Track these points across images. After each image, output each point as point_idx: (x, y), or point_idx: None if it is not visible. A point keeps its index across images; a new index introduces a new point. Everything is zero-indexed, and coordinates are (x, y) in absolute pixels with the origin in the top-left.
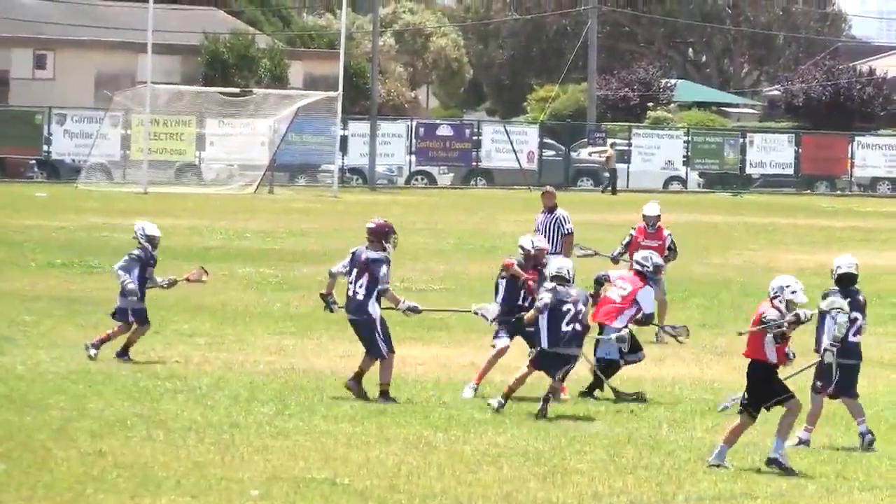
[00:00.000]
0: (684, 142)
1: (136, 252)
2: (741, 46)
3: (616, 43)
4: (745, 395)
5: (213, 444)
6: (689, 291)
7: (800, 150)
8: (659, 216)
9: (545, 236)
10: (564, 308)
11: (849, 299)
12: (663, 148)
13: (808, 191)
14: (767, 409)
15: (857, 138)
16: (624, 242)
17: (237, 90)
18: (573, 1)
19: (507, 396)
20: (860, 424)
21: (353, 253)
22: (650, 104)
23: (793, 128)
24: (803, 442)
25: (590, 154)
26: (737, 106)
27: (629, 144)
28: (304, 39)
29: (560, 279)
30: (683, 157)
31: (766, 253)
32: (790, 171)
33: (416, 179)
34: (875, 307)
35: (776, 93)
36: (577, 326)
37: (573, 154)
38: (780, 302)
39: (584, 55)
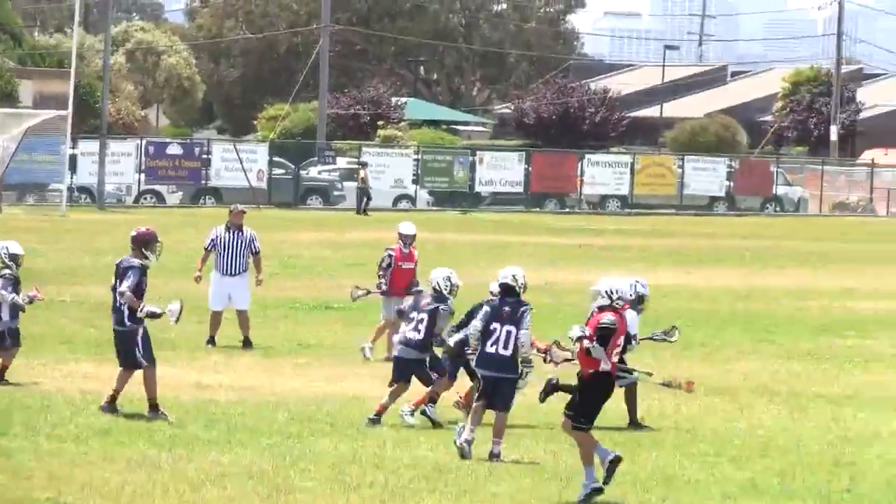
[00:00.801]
0: (414, 160)
1: (7, 272)
2: (473, 65)
3: (348, 61)
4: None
5: None
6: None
7: (530, 168)
8: (415, 235)
9: (229, 253)
10: (412, 315)
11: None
12: (393, 166)
13: (538, 208)
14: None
15: (586, 156)
16: (383, 267)
17: None
18: (306, 19)
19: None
20: (494, 444)
21: (117, 264)
22: (380, 122)
23: (523, 146)
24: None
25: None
26: (467, 124)
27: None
28: (35, 58)
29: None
30: (413, 175)
31: (493, 270)
32: (520, 188)
33: (145, 198)
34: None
35: (507, 111)
36: (419, 336)
37: (303, 172)
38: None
39: (315, 74)
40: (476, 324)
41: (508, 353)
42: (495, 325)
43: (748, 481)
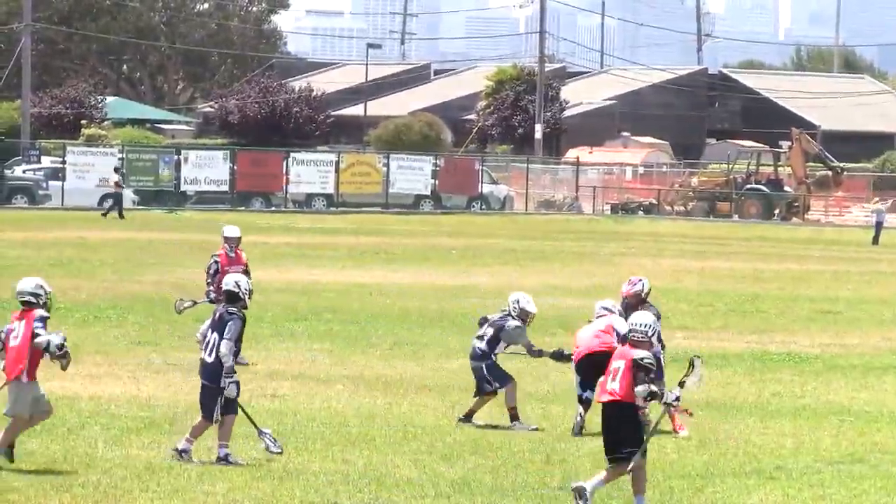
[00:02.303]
0: (119, 159)
1: None
2: (176, 63)
3: (50, 60)
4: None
5: None
6: (123, 309)
7: (235, 167)
8: (240, 238)
9: None
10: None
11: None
12: (98, 165)
13: (244, 207)
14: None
15: (292, 154)
16: (211, 273)
17: None
18: (5, 18)
19: None
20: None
21: None
22: (84, 122)
23: (228, 144)
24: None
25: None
26: (171, 123)
27: (63, 162)
28: None
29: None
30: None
31: (200, 270)
32: (225, 187)
33: None
34: (312, 322)
35: (211, 109)
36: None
37: (7, 171)
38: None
39: (17, 72)
40: None
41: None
42: None
43: (461, 479)
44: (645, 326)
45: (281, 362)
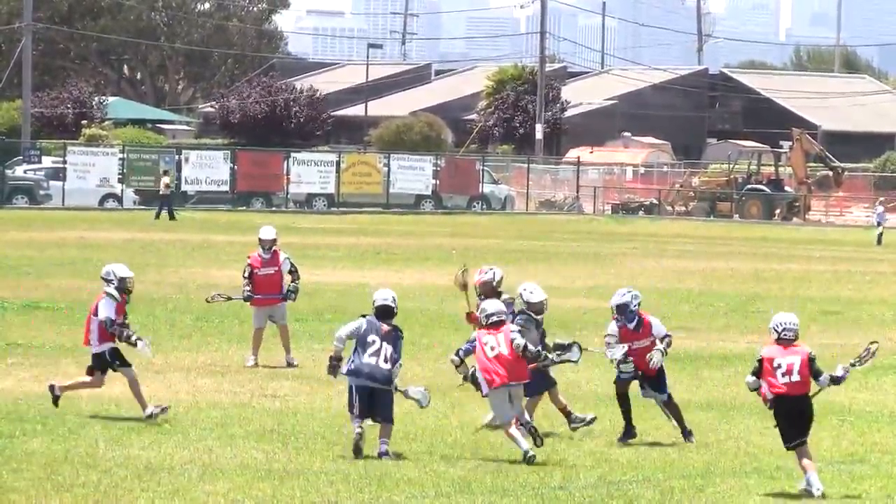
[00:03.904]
0: (120, 159)
1: None
2: (176, 63)
3: (51, 60)
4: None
5: None
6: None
7: (235, 167)
8: (275, 240)
9: None
10: (370, 339)
11: None
12: (98, 165)
13: (244, 207)
14: None
15: (292, 155)
16: (245, 276)
17: None
18: (7, 18)
19: None
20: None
21: None
22: (84, 122)
23: (228, 145)
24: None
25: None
26: (172, 123)
27: (64, 162)
28: None
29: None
30: (119, 174)
31: (201, 270)
32: (226, 187)
33: None
34: (313, 323)
35: (211, 110)
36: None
37: (8, 171)
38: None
39: (18, 72)
40: None
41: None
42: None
43: (461, 479)
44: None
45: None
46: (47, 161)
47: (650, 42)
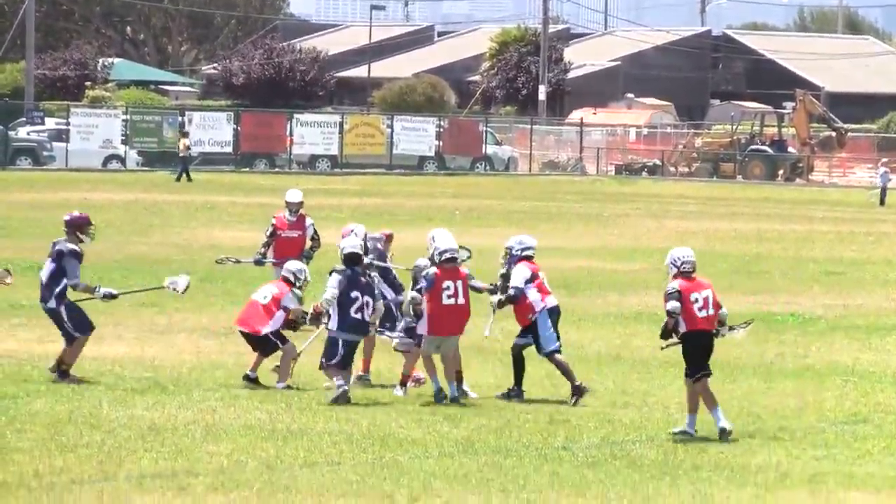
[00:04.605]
0: (123, 120)
1: None
2: (180, 25)
3: (54, 21)
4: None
5: None
6: (129, 270)
7: (239, 129)
8: (302, 202)
9: None
10: (353, 294)
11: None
12: (102, 127)
13: (248, 168)
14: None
15: (296, 116)
16: (267, 234)
17: None
18: None
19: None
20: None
21: (53, 244)
22: (88, 83)
23: (231, 106)
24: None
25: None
26: (175, 84)
27: (67, 123)
28: None
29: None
30: (122, 135)
31: (204, 231)
32: (229, 149)
33: None
34: (319, 285)
35: (214, 71)
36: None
37: (11, 133)
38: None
39: (21, 34)
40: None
41: None
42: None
43: (465, 439)
44: None
45: None
46: (50, 122)
47: (653, 3)
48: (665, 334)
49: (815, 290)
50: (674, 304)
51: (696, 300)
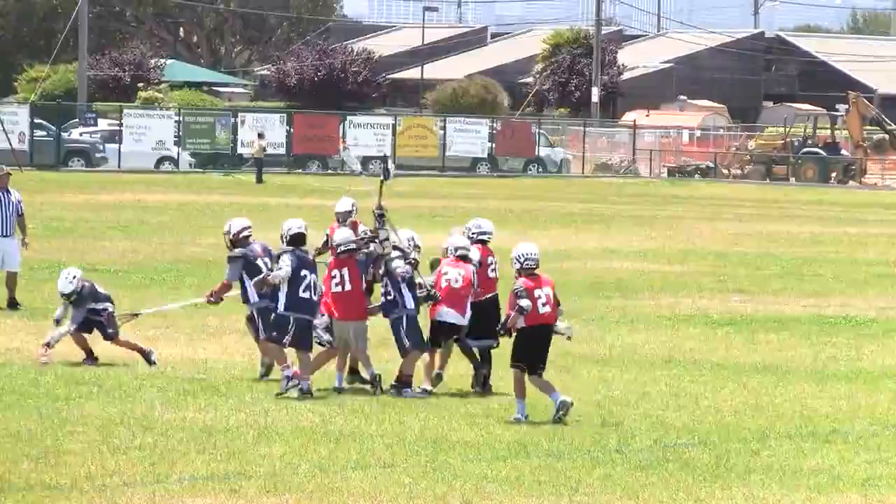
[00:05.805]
0: (175, 122)
1: None
2: (232, 26)
3: (107, 23)
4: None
5: None
6: (181, 272)
7: (292, 130)
8: (351, 211)
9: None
10: (302, 273)
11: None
12: (154, 128)
13: (300, 170)
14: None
15: (348, 118)
16: (321, 244)
17: None
18: None
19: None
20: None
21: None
22: (141, 84)
23: (284, 108)
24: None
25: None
26: (228, 86)
27: (120, 125)
28: None
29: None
30: (175, 136)
31: (259, 233)
32: (282, 150)
33: None
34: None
35: (267, 73)
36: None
37: (64, 134)
38: None
39: (74, 35)
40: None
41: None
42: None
43: (517, 442)
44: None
45: None
46: (103, 124)
47: (706, 5)
48: (503, 328)
49: (869, 293)
50: (527, 303)
51: (540, 297)
